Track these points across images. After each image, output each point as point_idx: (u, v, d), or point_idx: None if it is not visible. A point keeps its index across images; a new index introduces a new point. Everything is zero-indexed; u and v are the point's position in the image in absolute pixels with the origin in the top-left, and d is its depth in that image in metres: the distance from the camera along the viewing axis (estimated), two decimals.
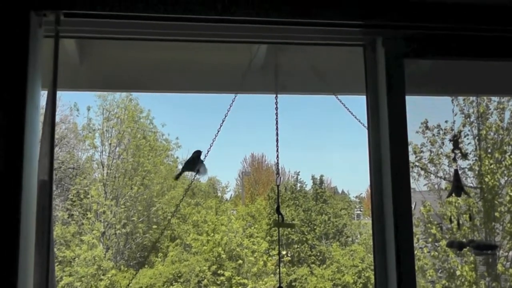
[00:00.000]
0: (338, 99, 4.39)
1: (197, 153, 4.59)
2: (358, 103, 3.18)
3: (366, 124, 2.83)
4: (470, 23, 2.65)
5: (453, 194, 4.78)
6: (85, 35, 2.97)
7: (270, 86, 4.30)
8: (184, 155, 32.97)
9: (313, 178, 27.80)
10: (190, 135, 35.83)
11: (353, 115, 4.21)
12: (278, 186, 4.69)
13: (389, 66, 2.61)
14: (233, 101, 4.48)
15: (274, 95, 4.41)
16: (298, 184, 28.47)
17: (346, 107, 4.41)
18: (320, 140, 47.75)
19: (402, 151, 2.63)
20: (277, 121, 4.27)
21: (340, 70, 4.12)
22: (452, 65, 3.51)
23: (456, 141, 4.79)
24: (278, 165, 4.39)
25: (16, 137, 2.28)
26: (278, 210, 4.07)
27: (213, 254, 23.43)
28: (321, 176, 27.78)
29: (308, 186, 28.28)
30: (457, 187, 4.62)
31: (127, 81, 4.67)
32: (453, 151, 4.66)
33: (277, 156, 4.26)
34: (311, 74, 4.14)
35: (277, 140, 4.25)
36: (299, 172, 29.18)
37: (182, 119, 42.39)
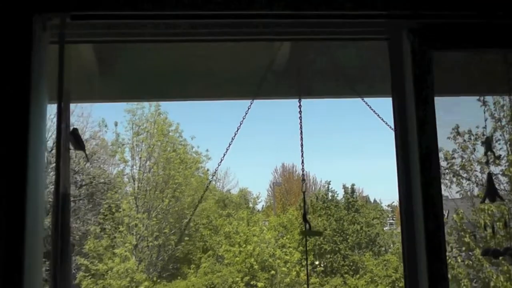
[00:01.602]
0: (365, 102, 4.25)
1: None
2: (388, 106, 3.02)
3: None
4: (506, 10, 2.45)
5: (487, 200, 4.59)
6: (95, 39, 2.85)
7: (293, 90, 4.19)
8: (214, 166, 33.02)
9: (344, 187, 27.55)
10: (220, 147, 35.83)
11: (380, 117, 4.06)
12: (304, 192, 4.53)
13: (416, 60, 2.45)
14: (249, 108, 4.36)
15: (297, 100, 4.29)
16: (330, 194, 28.22)
17: (372, 110, 4.26)
18: (351, 148, 47.44)
19: (432, 153, 2.46)
20: (301, 125, 4.14)
21: (366, 71, 3.96)
22: (482, 61, 3.34)
23: (488, 143, 4.61)
24: (303, 171, 4.26)
25: (19, 148, 2.15)
26: (304, 218, 3.94)
27: (245, 265, 23.32)
28: (353, 185, 27.52)
29: (340, 195, 28.06)
30: (491, 191, 4.43)
31: (147, 90, 4.59)
32: (485, 154, 4.48)
33: (302, 162, 4.14)
34: (336, 76, 4.01)
35: (301, 145, 4.12)
36: (330, 181, 28.89)
37: (211, 132, 42.51)
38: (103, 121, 25.55)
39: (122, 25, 2.48)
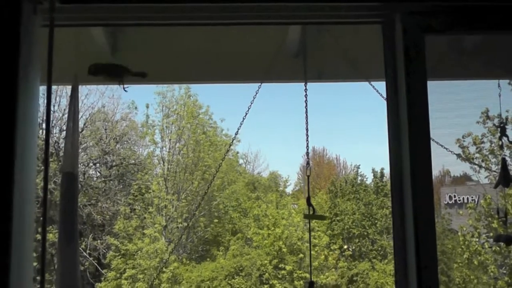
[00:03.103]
0: (372, 86, 4.23)
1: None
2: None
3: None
4: None
5: (501, 185, 4.54)
6: (86, 23, 2.87)
7: (302, 74, 4.19)
8: (244, 149, 33.10)
9: (373, 171, 27.42)
10: (249, 129, 35.78)
11: (383, 97, 4.01)
12: (308, 176, 4.54)
13: (407, 43, 2.43)
14: (257, 92, 4.38)
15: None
16: (359, 178, 28.12)
17: (379, 93, 4.23)
18: (381, 131, 47.02)
19: (423, 138, 2.43)
20: (306, 109, 4.14)
21: (371, 55, 3.93)
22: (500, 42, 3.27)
23: (503, 127, 4.53)
24: (308, 154, 4.26)
25: (6, 132, 2.18)
26: (308, 202, 3.94)
27: (274, 248, 23.42)
28: (382, 169, 27.33)
29: (369, 179, 27.94)
30: (506, 177, 4.38)
31: (161, 72, 4.62)
32: (500, 138, 4.41)
33: (307, 146, 4.14)
34: (343, 60, 4.00)
35: (306, 129, 4.12)
36: (359, 165, 28.84)
37: (241, 114, 42.47)
38: (133, 103, 25.84)
39: (129, 8, 2.51)
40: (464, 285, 17.59)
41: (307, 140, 4.12)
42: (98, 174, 25.09)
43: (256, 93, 4.67)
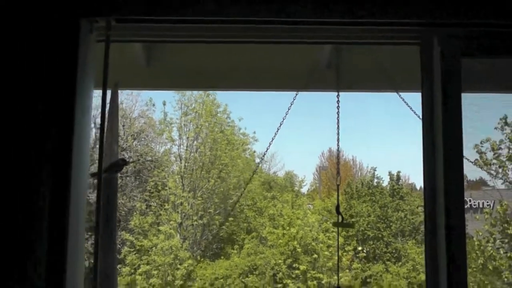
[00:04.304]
0: (400, 96, 4.32)
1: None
2: None
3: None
4: None
5: None
6: (141, 39, 3.02)
7: (334, 84, 4.28)
8: (261, 149, 33.16)
9: (390, 174, 27.37)
10: (268, 128, 35.85)
11: (413, 111, 4.12)
12: (338, 185, 4.62)
13: (445, 67, 2.52)
14: (294, 100, 4.47)
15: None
16: (375, 180, 28.07)
17: (406, 104, 4.32)
18: (399, 135, 46.95)
19: (456, 151, 2.53)
20: (338, 119, 4.22)
21: (403, 67, 4.03)
22: None
23: None
24: (338, 164, 4.35)
25: (65, 135, 2.35)
26: (337, 210, 4.02)
27: (288, 247, 23.48)
28: (398, 172, 27.29)
29: (385, 182, 27.89)
30: None
31: (192, 80, 4.73)
32: None
33: (338, 156, 4.22)
34: (374, 71, 4.08)
35: (338, 139, 4.20)
36: (375, 167, 28.70)
37: (259, 114, 42.58)
38: (151, 100, 26.02)
39: (172, 28, 2.65)
40: None
41: (338, 151, 4.21)
42: None
43: (291, 104, 4.76)
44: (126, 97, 25.02)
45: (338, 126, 4.22)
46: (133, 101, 26.23)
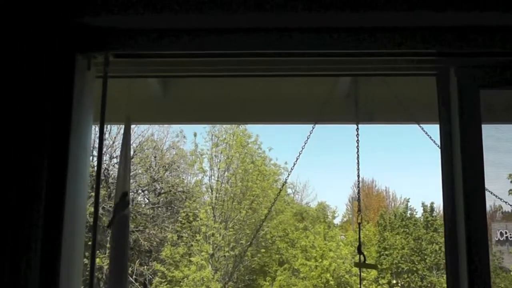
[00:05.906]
0: (421, 128, 4.19)
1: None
2: None
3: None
4: None
5: None
6: (137, 74, 2.95)
7: (353, 116, 4.18)
8: (292, 180, 32.98)
9: (423, 205, 26.92)
10: (299, 160, 35.65)
11: (436, 143, 3.96)
12: (359, 223, 4.44)
13: (462, 97, 2.40)
14: (311, 132, 4.37)
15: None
16: (408, 211, 27.65)
17: (429, 136, 4.19)
18: (433, 166, 46.35)
19: (477, 184, 2.41)
20: (358, 150, 4.10)
21: (422, 99, 3.92)
22: None
23: None
24: (359, 200, 4.21)
25: (59, 173, 2.26)
26: (359, 250, 3.85)
27: (321, 280, 23.18)
28: (432, 203, 26.84)
29: (419, 213, 27.45)
30: None
31: (209, 114, 4.68)
32: None
33: (358, 192, 4.08)
34: (394, 103, 3.98)
35: (358, 172, 4.07)
36: (409, 198, 28.39)
37: (290, 144, 42.54)
38: (181, 131, 26.17)
39: (177, 62, 2.57)
40: None
41: (358, 187, 4.07)
42: (147, 201, 25.36)
43: (310, 133, 4.67)
44: (157, 128, 25.22)
45: (358, 162, 4.08)
46: (164, 132, 26.46)
